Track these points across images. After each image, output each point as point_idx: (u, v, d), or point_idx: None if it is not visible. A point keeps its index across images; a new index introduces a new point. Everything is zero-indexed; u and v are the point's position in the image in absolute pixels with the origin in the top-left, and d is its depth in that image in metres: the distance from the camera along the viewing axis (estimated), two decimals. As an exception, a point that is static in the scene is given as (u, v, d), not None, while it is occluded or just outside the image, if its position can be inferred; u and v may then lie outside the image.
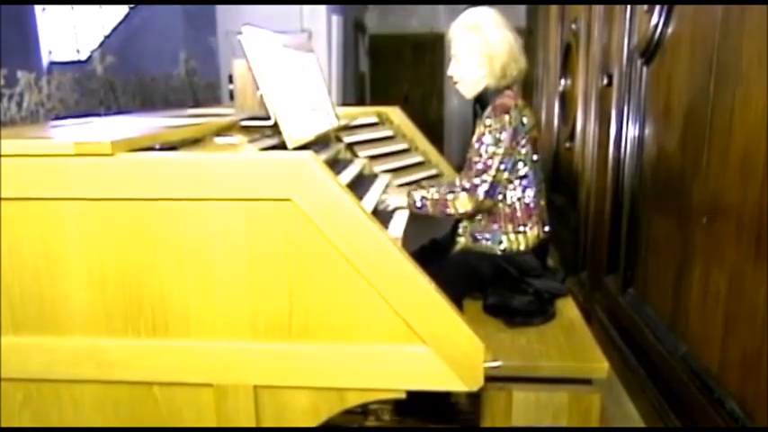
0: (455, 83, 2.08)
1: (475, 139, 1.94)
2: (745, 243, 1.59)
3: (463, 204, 1.91)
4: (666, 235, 2.17)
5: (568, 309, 1.97)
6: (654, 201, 2.32)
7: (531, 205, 1.99)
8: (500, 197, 1.95)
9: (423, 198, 2.00)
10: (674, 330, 2.06)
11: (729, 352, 1.69)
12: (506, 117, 1.88)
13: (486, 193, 1.89)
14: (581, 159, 3.34)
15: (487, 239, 2.01)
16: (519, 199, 1.97)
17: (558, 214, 3.76)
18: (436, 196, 1.97)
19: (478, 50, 1.97)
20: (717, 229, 1.76)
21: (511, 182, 1.95)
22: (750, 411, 1.56)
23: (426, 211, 1.99)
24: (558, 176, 4.01)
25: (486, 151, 1.89)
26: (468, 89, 2.06)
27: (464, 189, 1.91)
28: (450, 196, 1.93)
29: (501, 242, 2.00)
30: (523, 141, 1.92)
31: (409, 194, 2.04)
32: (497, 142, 1.88)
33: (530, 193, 1.98)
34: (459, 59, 2.03)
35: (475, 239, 2.03)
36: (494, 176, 1.89)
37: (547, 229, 2.06)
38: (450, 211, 1.94)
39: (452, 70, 2.07)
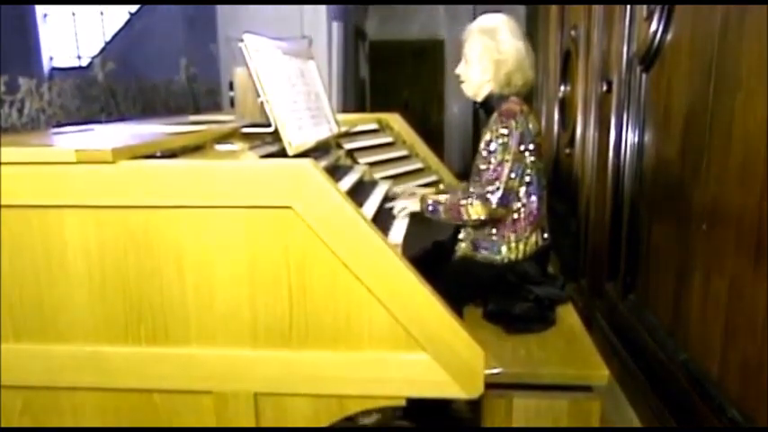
0: (461, 82, 2.10)
1: (483, 146, 1.94)
2: (746, 249, 1.59)
3: (477, 211, 1.89)
4: (666, 241, 2.17)
5: (569, 315, 1.97)
6: (654, 207, 2.32)
7: (534, 213, 1.98)
8: (512, 204, 1.94)
9: (436, 203, 2.01)
10: (675, 337, 2.05)
11: (730, 358, 1.69)
12: (513, 122, 1.89)
13: (500, 200, 1.88)
14: (581, 165, 3.35)
15: (488, 248, 2.01)
16: (523, 206, 1.96)
17: (559, 220, 3.76)
18: (449, 202, 1.97)
19: (488, 54, 1.98)
20: (717, 235, 1.76)
21: (518, 188, 1.94)
22: (751, 418, 1.56)
23: (439, 216, 2.00)
24: (557, 182, 4.01)
25: (496, 158, 1.88)
26: (472, 91, 2.07)
27: (477, 196, 1.90)
28: (463, 202, 1.91)
29: (501, 251, 1.99)
30: (531, 147, 1.92)
31: (422, 199, 2.05)
32: (505, 148, 1.88)
33: (533, 200, 1.97)
34: (468, 60, 2.04)
35: (475, 247, 2.03)
36: (505, 183, 1.88)
37: (546, 236, 2.06)
38: (464, 217, 1.92)
39: (460, 69, 2.09)
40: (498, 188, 1.88)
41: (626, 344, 2.48)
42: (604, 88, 2.86)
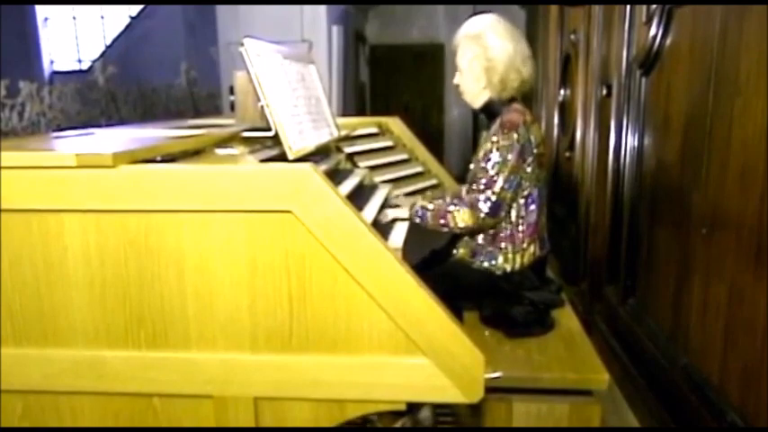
0: (461, 92, 2.07)
1: (482, 155, 1.90)
2: (745, 254, 1.60)
3: (464, 219, 1.86)
4: (666, 245, 2.17)
5: (568, 319, 1.97)
6: (654, 211, 2.32)
7: (533, 224, 1.96)
8: (503, 214, 1.90)
9: (423, 208, 1.97)
10: (675, 341, 2.05)
11: (730, 363, 1.69)
12: (515, 135, 1.85)
13: (490, 210, 1.85)
14: (581, 169, 3.35)
15: (485, 257, 1.98)
16: (522, 218, 1.94)
17: (558, 224, 3.76)
18: (437, 208, 1.93)
19: (477, 62, 1.95)
20: (716, 239, 1.76)
21: (515, 200, 1.91)
22: (751, 423, 1.56)
23: (426, 222, 1.95)
24: (557, 186, 4.01)
25: (493, 168, 1.85)
26: (472, 100, 2.04)
27: (466, 204, 1.87)
28: (451, 208, 1.88)
29: (497, 262, 1.96)
30: (530, 159, 1.88)
31: (412, 206, 2.02)
32: (505, 160, 1.84)
33: (533, 210, 1.95)
34: (461, 70, 2.01)
35: (473, 254, 2.01)
36: (498, 194, 1.84)
37: (545, 245, 2.04)
38: (450, 224, 1.89)
39: (457, 80, 2.05)
40: (489, 198, 1.85)
41: (626, 348, 2.48)
42: (604, 92, 2.86)
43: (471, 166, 2.00)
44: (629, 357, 2.43)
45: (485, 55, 1.93)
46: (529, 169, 1.90)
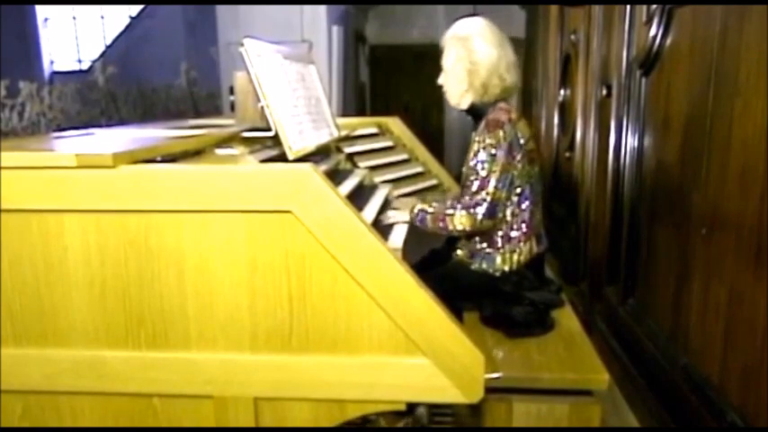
0: (444, 92, 2.08)
1: (471, 155, 1.92)
2: (745, 254, 1.59)
3: (461, 222, 1.87)
4: (666, 245, 2.17)
5: (568, 320, 1.97)
6: (653, 211, 2.32)
7: (527, 221, 1.96)
8: (500, 215, 1.91)
9: (422, 211, 1.98)
10: (675, 341, 2.05)
11: (730, 363, 1.69)
12: (500, 133, 1.86)
13: (486, 212, 1.85)
14: (581, 169, 3.35)
15: (483, 260, 1.99)
16: (515, 216, 1.95)
17: (558, 224, 3.76)
18: (436, 211, 1.94)
19: (461, 64, 1.97)
20: (716, 240, 1.76)
21: (508, 198, 1.92)
22: (751, 423, 1.56)
23: (426, 225, 1.97)
24: (557, 186, 4.01)
25: (483, 168, 1.86)
26: (455, 101, 2.06)
27: (462, 207, 1.87)
28: (449, 211, 1.89)
29: (495, 263, 1.97)
30: (519, 156, 1.89)
31: (412, 209, 2.03)
32: (493, 159, 1.85)
33: (526, 207, 1.96)
34: (445, 70, 2.03)
35: (472, 256, 2.01)
36: (492, 195, 1.85)
37: (542, 241, 2.04)
38: (449, 227, 1.90)
39: (441, 80, 2.07)
40: (484, 200, 1.85)
41: (626, 348, 2.48)
42: (604, 92, 2.86)
43: (464, 169, 2.00)
44: (629, 357, 2.43)
45: (469, 58, 1.95)
46: (519, 166, 1.90)
